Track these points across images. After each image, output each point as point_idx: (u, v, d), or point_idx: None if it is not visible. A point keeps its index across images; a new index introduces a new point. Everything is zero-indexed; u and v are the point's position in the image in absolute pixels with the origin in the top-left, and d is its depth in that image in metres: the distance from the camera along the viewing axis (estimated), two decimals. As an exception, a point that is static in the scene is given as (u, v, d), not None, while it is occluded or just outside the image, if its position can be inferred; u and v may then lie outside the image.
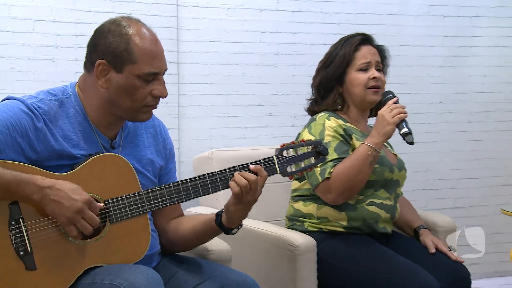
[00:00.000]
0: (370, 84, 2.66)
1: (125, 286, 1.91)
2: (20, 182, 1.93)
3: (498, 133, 3.93)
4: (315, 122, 2.65)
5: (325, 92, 2.72)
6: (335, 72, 2.68)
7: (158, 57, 2.09)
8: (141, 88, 2.08)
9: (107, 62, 2.05)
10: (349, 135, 2.64)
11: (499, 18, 3.88)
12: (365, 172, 2.55)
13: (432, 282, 2.49)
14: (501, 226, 3.88)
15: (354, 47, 2.68)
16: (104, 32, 2.08)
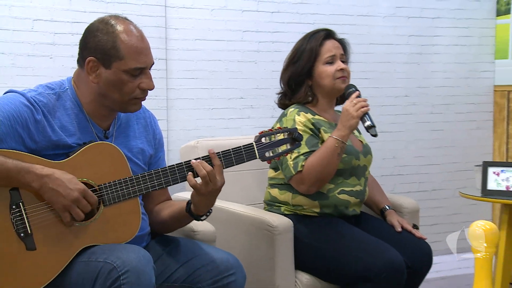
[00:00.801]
0: (337, 75, 2.67)
1: (118, 264, 1.91)
2: (20, 170, 1.92)
3: (457, 123, 3.95)
4: (286, 117, 2.65)
5: (296, 86, 2.71)
6: (304, 66, 2.67)
7: (143, 53, 2.08)
8: (129, 82, 2.07)
9: (97, 59, 2.05)
10: (318, 128, 2.63)
11: (458, 20, 3.90)
12: (334, 163, 2.54)
13: (398, 258, 2.50)
14: (459, 207, 3.91)
15: (319, 42, 2.68)
16: (93, 31, 2.07)
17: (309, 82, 2.70)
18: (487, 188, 3.14)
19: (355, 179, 2.69)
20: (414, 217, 2.91)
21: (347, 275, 2.52)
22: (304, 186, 2.58)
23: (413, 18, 3.77)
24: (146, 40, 2.10)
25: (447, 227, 3.91)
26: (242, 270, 2.20)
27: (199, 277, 2.14)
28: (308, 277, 2.61)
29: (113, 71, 2.05)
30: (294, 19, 3.42)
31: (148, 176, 2.11)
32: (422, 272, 2.66)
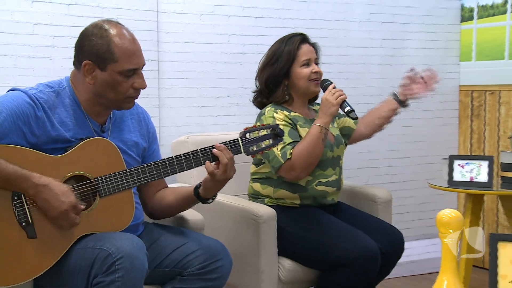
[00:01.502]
0: (312, 77, 2.67)
1: (113, 250, 1.91)
2: (18, 178, 1.91)
3: (426, 120, 3.97)
4: (264, 116, 2.65)
5: (274, 86, 2.70)
6: (282, 68, 2.67)
7: (135, 54, 2.07)
8: (123, 83, 2.06)
9: (92, 62, 2.05)
10: (295, 124, 2.64)
11: (426, 25, 3.91)
12: (320, 148, 2.55)
13: (372, 245, 2.52)
14: (428, 197, 3.93)
15: (296, 46, 2.68)
16: (88, 35, 2.07)
17: (286, 82, 2.70)
18: (453, 179, 3.15)
19: (331, 169, 2.69)
20: (387, 206, 2.92)
21: (326, 261, 2.53)
22: (294, 173, 2.56)
23: (385, 23, 3.77)
24: (137, 43, 2.10)
25: (417, 215, 3.93)
26: (228, 256, 2.20)
27: (189, 263, 2.15)
28: (290, 263, 2.61)
29: (108, 73, 2.05)
30: (277, 24, 3.41)
31: (141, 169, 2.10)
32: (395, 257, 2.67)
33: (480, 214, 3.27)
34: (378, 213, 2.88)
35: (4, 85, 2.74)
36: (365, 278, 2.51)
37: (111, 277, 1.89)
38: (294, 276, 2.61)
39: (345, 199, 2.97)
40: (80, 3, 2.94)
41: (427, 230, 3.96)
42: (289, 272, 2.60)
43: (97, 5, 2.97)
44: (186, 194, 2.25)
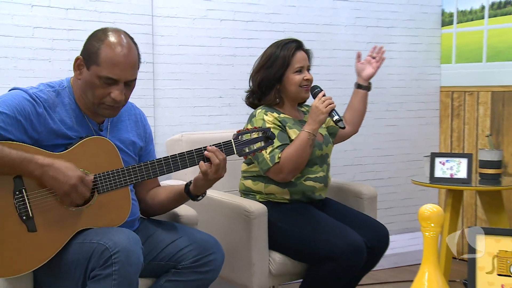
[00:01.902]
0: (303, 83, 2.68)
1: (110, 245, 1.91)
2: (23, 160, 1.90)
3: (409, 119, 3.97)
4: (255, 118, 2.65)
5: (267, 89, 2.70)
6: (276, 72, 2.67)
7: (120, 67, 2.02)
8: (100, 87, 2.04)
9: (83, 58, 2.05)
10: (284, 125, 2.64)
11: (409, 29, 3.92)
12: (307, 153, 2.55)
13: (358, 239, 2.52)
14: (411, 192, 3.93)
15: (292, 52, 2.67)
16: (91, 36, 2.09)
17: (278, 86, 2.69)
18: (434, 176, 3.17)
19: (318, 167, 2.70)
20: (372, 202, 2.92)
21: (314, 255, 2.53)
22: (282, 175, 2.57)
23: (370, 27, 3.78)
24: (130, 59, 2.04)
25: (400, 210, 3.94)
26: (221, 250, 2.21)
27: (183, 256, 2.15)
28: (280, 256, 2.60)
29: (90, 72, 2.04)
30: (267, 28, 3.41)
31: (138, 168, 2.10)
32: (380, 251, 2.68)
33: (459, 209, 3.28)
34: (364, 208, 2.89)
35: (5, 86, 2.72)
36: (350, 271, 2.52)
37: (108, 270, 1.89)
38: (284, 269, 2.61)
39: (333, 195, 2.97)
40: (78, 7, 2.93)
41: (410, 224, 3.97)
42: (279, 265, 2.60)
43: (95, 9, 2.96)
44: (176, 191, 2.25)
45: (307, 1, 3.56)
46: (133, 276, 1.93)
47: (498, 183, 3.15)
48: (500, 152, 3.20)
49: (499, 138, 3.77)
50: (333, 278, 2.52)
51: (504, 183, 3.17)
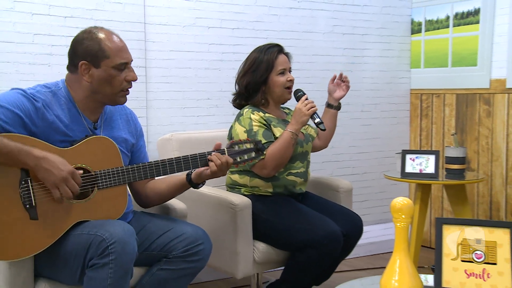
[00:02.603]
0: (287, 85, 2.68)
1: (107, 236, 1.91)
2: (20, 151, 1.88)
3: (382, 119, 3.98)
4: (243, 116, 2.64)
5: (253, 91, 2.70)
6: (262, 75, 2.67)
7: (124, 50, 2.08)
8: (117, 76, 2.06)
9: (87, 62, 2.04)
10: (269, 124, 2.64)
11: (382, 36, 3.93)
12: (290, 151, 2.56)
13: (336, 229, 2.53)
14: (384, 186, 3.95)
15: (275, 56, 2.68)
16: (79, 40, 2.06)
17: (263, 88, 2.69)
18: (405, 171, 3.18)
19: (299, 163, 2.70)
20: (348, 195, 2.94)
21: (295, 243, 2.53)
22: (266, 171, 2.57)
23: (346, 35, 3.78)
24: (123, 41, 2.11)
25: (374, 202, 3.96)
26: (209, 240, 2.20)
27: (173, 246, 2.14)
28: (264, 245, 2.61)
29: (103, 69, 2.04)
30: (251, 35, 3.41)
31: (137, 168, 2.10)
32: (355, 239, 2.69)
33: (428, 201, 3.30)
34: (341, 201, 2.90)
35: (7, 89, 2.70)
36: (329, 258, 2.53)
37: (105, 259, 1.89)
38: (267, 257, 2.61)
39: (312, 189, 2.98)
40: (75, 15, 2.91)
41: (383, 216, 3.99)
42: (262, 253, 2.60)
43: (91, 17, 2.94)
44: (178, 181, 2.24)
45: (288, 10, 3.55)
46: (128, 265, 1.92)
47: (462, 177, 3.18)
48: (464, 149, 3.22)
49: (463, 136, 3.80)
50: (313, 264, 2.52)
51: (467, 178, 3.20)
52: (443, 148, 3.82)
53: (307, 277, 2.59)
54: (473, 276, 1.83)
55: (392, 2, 3.94)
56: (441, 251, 1.86)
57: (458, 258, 1.85)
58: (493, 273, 1.81)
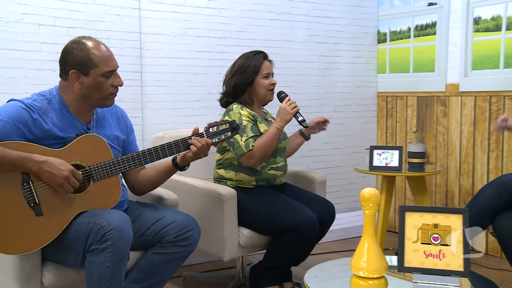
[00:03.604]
0: (270, 87, 2.68)
1: (105, 224, 1.90)
2: (23, 159, 1.88)
3: (353, 119, 3.99)
4: (232, 111, 2.63)
5: (240, 92, 2.69)
6: (249, 77, 2.67)
7: (110, 58, 2.04)
8: (105, 83, 2.03)
9: (77, 70, 2.01)
10: (255, 120, 2.63)
11: (352, 45, 3.93)
12: (275, 144, 2.58)
13: (312, 215, 2.53)
14: (354, 178, 3.96)
15: (261, 61, 2.69)
16: (70, 50, 2.03)
17: (249, 89, 2.69)
18: (373, 165, 3.19)
19: (279, 157, 2.70)
20: (322, 186, 2.94)
21: (276, 228, 2.53)
22: (252, 161, 2.57)
23: (321, 43, 3.78)
24: (109, 50, 2.07)
25: (345, 192, 3.97)
26: (198, 227, 2.19)
27: (166, 232, 2.13)
28: (248, 231, 2.60)
29: (92, 77, 2.01)
30: (236, 43, 3.39)
31: (126, 158, 2.08)
32: (328, 224, 2.70)
33: (392, 191, 3.32)
34: (316, 191, 2.90)
35: (16, 92, 2.67)
36: (306, 241, 2.53)
37: (104, 245, 1.87)
38: (251, 242, 2.60)
39: (290, 180, 2.97)
40: (78, 26, 2.87)
41: (353, 204, 4.00)
42: (247, 238, 2.59)
43: (92, 28, 2.90)
44: (165, 167, 2.22)
45: (269, 21, 3.54)
46: (125, 250, 1.91)
47: (422, 170, 3.20)
48: (424, 145, 3.24)
49: (423, 133, 3.82)
50: (291, 247, 2.53)
51: (427, 170, 3.22)
52: (406, 144, 3.85)
53: (286, 259, 2.59)
54: (431, 256, 1.84)
55: (361, 15, 3.95)
56: (403, 235, 1.87)
57: (418, 241, 1.86)
58: (448, 253, 1.83)
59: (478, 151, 3.52)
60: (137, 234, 2.10)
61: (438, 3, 3.68)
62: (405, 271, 1.85)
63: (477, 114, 3.52)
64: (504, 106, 3.39)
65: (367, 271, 1.83)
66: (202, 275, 3.09)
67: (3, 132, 1.88)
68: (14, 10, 2.70)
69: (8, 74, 2.70)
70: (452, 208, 1.86)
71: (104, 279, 1.89)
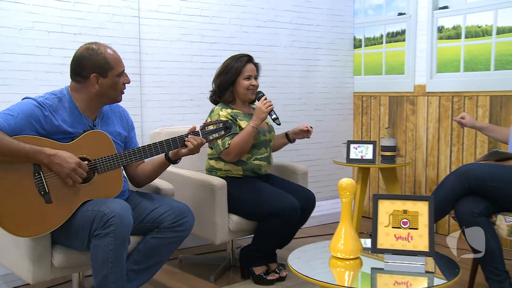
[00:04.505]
0: (249, 88, 2.67)
1: (107, 211, 1.91)
2: (35, 152, 1.88)
3: (331, 116, 3.99)
4: (213, 112, 2.65)
5: (223, 90, 2.70)
6: (231, 78, 2.67)
7: (120, 60, 2.08)
8: (119, 82, 2.06)
9: (97, 73, 2.01)
10: (235, 118, 2.63)
11: (331, 50, 3.93)
12: (251, 141, 2.56)
13: (294, 202, 2.55)
14: (333, 170, 3.97)
15: (243, 64, 2.67)
16: (86, 57, 2.03)
17: (231, 88, 2.68)
18: (350, 157, 3.20)
19: (263, 149, 2.70)
20: (304, 176, 2.95)
21: (262, 214, 2.54)
22: (230, 157, 2.57)
23: (303, 48, 3.78)
24: (116, 52, 2.10)
25: (325, 183, 3.99)
26: (192, 214, 2.19)
27: (163, 219, 2.13)
28: (237, 217, 2.61)
29: (110, 77, 2.04)
30: (226, 48, 3.38)
31: (127, 153, 2.07)
32: (309, 211, 2.71)
33: (367, 181, 3.34)
34: (298, 181, 2.91)
35: (27, 92, 2.65)
36: (289, 225, 2.54)
37: (107, 230, 1.87)
38: (240, 227, 2.61)
39: (275, 172, 2.98)
40: (83, 33, 2.84)
41: (332, 193, 4.02)
42: (236, 224, 2.60)
43: (95, 34, 2.88)
44: (159, 161, 2.21)
45: (257, 28, 3.53)
46: (126, 234, 1.91)
47: (393, 162, 3.22)
48: (395, 139, 3.26)
49: (394, 129, 3.85)
50: (276, 231, 2.53)
51: (397, 162, 3.24)
52: (379, 139, 3.87)
53: (272, 242, 2.60)
54: (400, 239, 1.86)
55: (339, 23, 3.96)
56: (376, 220, 1.89)
57: (389, 225, 1.87)
58: (415, 236, 1.85)
59: (442, 145, 3.55)
60: (137, 221, 2.10)
61: (407, 13, 3.70)
62: (377, 252, 1.86)
63: (441, 112, 3.55)
64: (464, 105, 3.43)
65: (344, 252, 1.85)
66: (196, 257, 3.10)
67: (18, 127, 1.88)
68: (25, 18, 2.67)
69: (20, 76, 2.68)
70: (419, 196, 1.88)
71: (107, 260, 1.89)
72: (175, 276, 2.77)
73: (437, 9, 3.52)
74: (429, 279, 1.75)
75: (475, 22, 3.32)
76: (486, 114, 3.31)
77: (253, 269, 2.62)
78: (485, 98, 3.32)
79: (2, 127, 1.85)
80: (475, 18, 3.32)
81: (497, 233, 2.30)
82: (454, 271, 1.81)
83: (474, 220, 2.28)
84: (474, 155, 3.39)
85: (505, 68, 3.21)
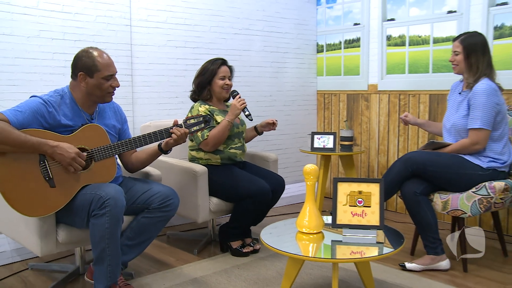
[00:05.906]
0: (224, 87, 2.66)
1: (103, 194, 1.90)
2: (40, 143, 1.87)
3: (299, 111, 4.01)
4: (193, 108, 2.64)
5: (201, 89, 2.69)
6: (207, 78, 2.66)
7: (111, 65, 2.03)
8: (105, 83, 2.02)
9: (84, 73, 1.98)
10: (212, 113, 2.62)
11: (297, 54, 3.94)
12: (226, 133, 2.56)
13: (266, 186, 2.56)
14: (300, 157, 4.00)
15: (218, 66, 2.66)
16: (80, 57, 2.02)
17: (208, 87, 2.68)
18: (314, 146, 3.22)
19: (237, 140, 2.70)
20: (275, 163, 2.95)
21: (237, 196, 2.55)
22: (208, 147, 2.57)
23: (273, 52, 3.78)
24: (111, 58, 2.06)
25: (293, 168, 4.01)
26: (177, 197, 2.19)
27: (152, 201, 2.12)
28: (216, 199, 2.61)
29: (95, 78, 2.00)
30: (207, 52, 3.35)
31: (121, 143, 2.05)
32: (279, 193, 2.72)
33: (329, 167, 3.36)
34: (270, 167, 2.92)
35: (34, 91, 2.60)
36: (261, 206, 2.56)
37: (103, 211, 1.86)
38: (219, 208, 2.61)
39: (249, 159, 2.98)
40: (82, 39, 2.79)
41: (299, 177, 4.05)
42: (215, 205, 2.60)
43: (93, 40, 2.82)
44: (153, 150, 2.21)
45: (233, 35, 3.51)
46: (120, 214, 1.90)
47: (351, 150, 3.25)
48: (352, 131, 3.29)
49: (351, 122, 3.90)
50: (250, 210, 2.54)
51: (354, 150, 3.27)
52: (339, 130, 3.91)
53: (246, 220, 2.61)
54: (356, 215, 1.89)
55: (304, 31, 3.96)
56: (336, 200, 1.92)
57: (347, 204, 1.91)
58: (369, 213, 1.89)
59: (391, 135, 3.61)
60: (129, 202, 2.09)
61: (361, 24, 3.74)
62: (337, 227, 1.90)
63: (390, 108, 3.61)
64: (409, 102, 3.50)
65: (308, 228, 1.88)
66: (181, 234, 3.09)
67: (25, 121, 1.88)
68: (32, 28, 2.62)
69: (27, 78, 2.62)
70: (372, 179, 1.92)
71: (104, 237, 1.88)
72: (164, 250, 2.77)
73: (386, 21, 3.58)
74: (380, 248, 1.80)
75: (416, 32, 3.39)
76: (426, 109, 3.39)
77: (231, 243, 2.63)
78: (426, 96, 3.40)
79: (12, 121, 1.85)
80: (416, 29, 3.39)
81: (434, 208, 2.40)
82: (400, 241, 1.86)
83: (416, 199, 2.36)
84: (417, 144, 3.47)
85: (440, 71, 3.30)
